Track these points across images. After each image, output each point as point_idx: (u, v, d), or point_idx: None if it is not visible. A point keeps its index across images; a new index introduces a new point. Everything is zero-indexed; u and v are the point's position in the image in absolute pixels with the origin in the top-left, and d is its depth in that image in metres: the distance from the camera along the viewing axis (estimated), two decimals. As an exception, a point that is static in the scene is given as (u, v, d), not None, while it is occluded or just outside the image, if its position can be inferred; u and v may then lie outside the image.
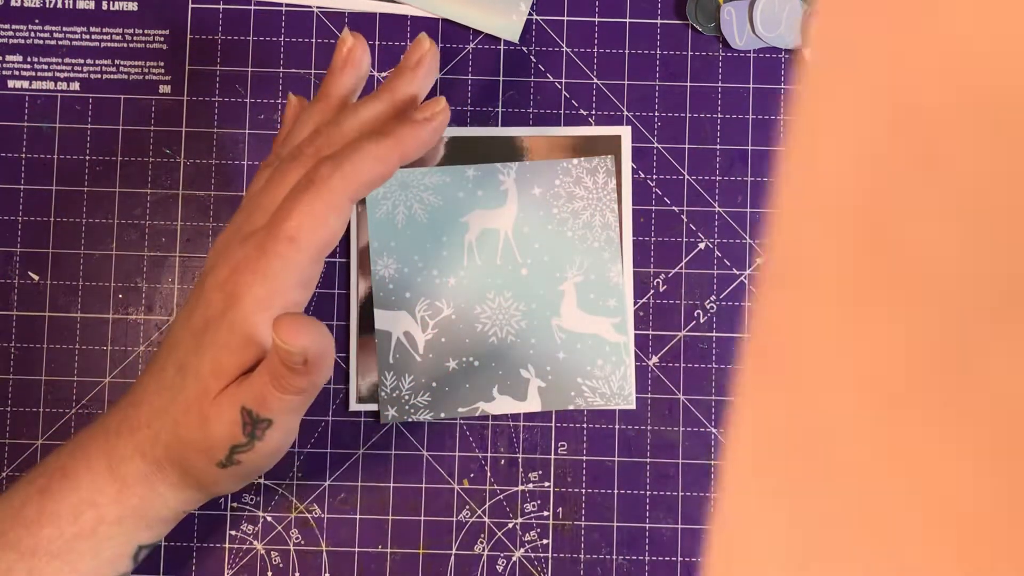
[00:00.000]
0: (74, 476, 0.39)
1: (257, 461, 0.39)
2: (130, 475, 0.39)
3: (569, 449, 0.49)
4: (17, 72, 0.50)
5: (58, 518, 0.38)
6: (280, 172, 0.40)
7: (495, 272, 0.49)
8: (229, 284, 0.38)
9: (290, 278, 0.37)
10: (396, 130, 0.39)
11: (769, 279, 0.13)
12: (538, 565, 0.48)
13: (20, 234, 0.49)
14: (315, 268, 0.38)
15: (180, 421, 0.38)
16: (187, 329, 0.39)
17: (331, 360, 0.37)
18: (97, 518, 0.38)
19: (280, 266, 0.37)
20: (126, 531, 0.39)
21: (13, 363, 0.49)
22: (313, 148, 0.40)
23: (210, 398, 0.37)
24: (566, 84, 0.50)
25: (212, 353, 0.38)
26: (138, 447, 0.39)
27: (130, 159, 0.50)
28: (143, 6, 0.50)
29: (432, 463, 0.49)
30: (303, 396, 0.37)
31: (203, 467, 0.38)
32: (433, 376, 0.49)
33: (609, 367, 0.49)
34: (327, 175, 0.37)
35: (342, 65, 0.43)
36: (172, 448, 0.38)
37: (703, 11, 0.50)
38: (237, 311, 0.37)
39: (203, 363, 0.38)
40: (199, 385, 0.38)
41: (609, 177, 0.50)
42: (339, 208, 0.38)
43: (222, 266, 0.38)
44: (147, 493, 0.39)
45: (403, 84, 0.42)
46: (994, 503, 0.10)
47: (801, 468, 0.12)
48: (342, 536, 0.48)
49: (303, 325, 0.35)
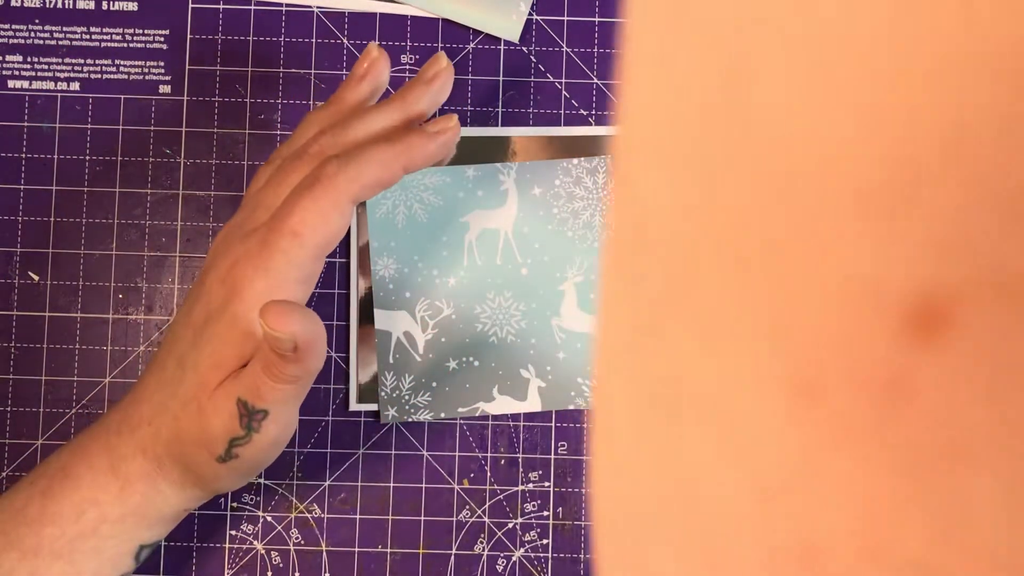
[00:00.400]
0: (76, 476, 0.39)
1: (256, 455, 0.39)
2: (132, 473, 0.39)
3: (569, 449, 0.49)
4: (17, 72, 0.50)
5: (60, 517, 0.38)
6: (283, 171, 0.40)
7: (495, 272, 0.49)
8: (230, 278, 0.38)
9: (291, 273, 0.37)
10: (406, 138, 0.39)
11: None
12: (538, 565, 0.49)
13: (20, 234, 0.49)
14: (316, 266, 0.38)
15: (179, 416, 0.38)
16: (187, 325, 0.39)
17: (323, 346, 0.37)
18: (99, 517, 0.38)
19: (282, 261, 0.37)
20: (128, 530, 0.39)
21: (13, 363, 0.49)
22: (317, 148, 0.40)
23: (208, 391, 0.37)
24: (566, 84, 0.50)
25: (212, 346, 0.38)
26: (139, 445, 0.39)
27: (130, 159, 0.50)
28: (143, 6, 0.50)
29: (432, 463, 0.49)
30: (297, 384, 0.37)
31: (203, 462, 0.39)
32: (433, 376, 0.49)
33: (609, 367, 0.49)
34: (333, 173, 0.38)
35: (363, 74, 0.43)
36: (172, 444, 0.38)
37: (703, 11, 0.50)
38: (238, 304, 0.37)
39: (202, 357, 0.38)
40: (198, 378, 0.38)
41: (609, 177, 0.50)
42: (343, 207, 0.38)
43: (223, 261, 0.38)
44: (149, 491, 0.39)
45: (415, 96, 0.42)
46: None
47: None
48: (342, 536, 0.48)
49: (290, 311, 0.35)
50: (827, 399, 0.10)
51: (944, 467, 0.09)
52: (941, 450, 0.09)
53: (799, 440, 0.10)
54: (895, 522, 0.10)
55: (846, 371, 0.10)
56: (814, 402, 0.10)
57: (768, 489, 0.11)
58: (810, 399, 0.10)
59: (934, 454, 0.09)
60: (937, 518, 0.09)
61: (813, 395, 0.10)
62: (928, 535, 0.09)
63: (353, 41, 0.50)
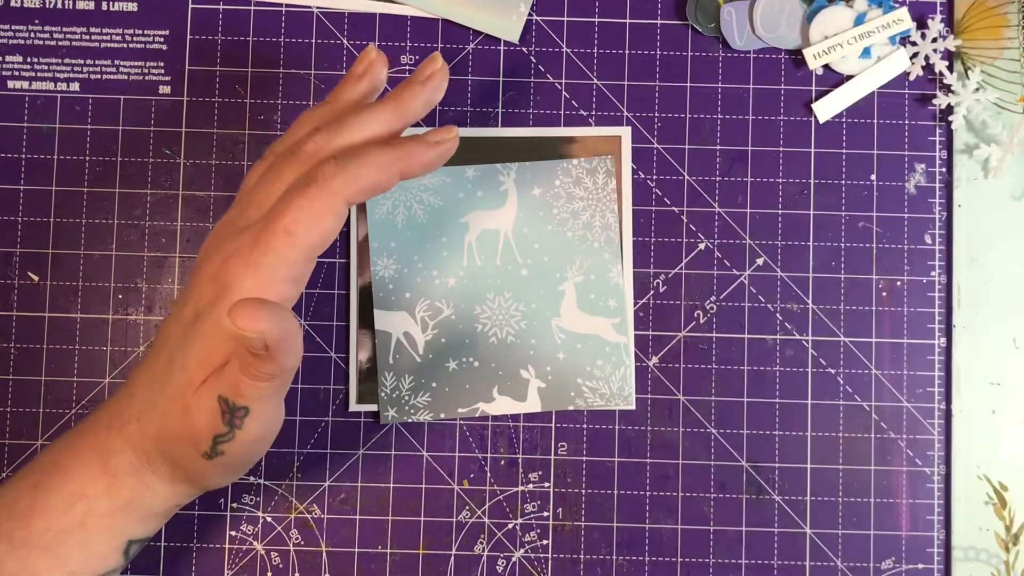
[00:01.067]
0: (66, 470, 0.39)
1: (242, 452, 0.39)
2: (121, 468, 0.39)
3: (569, 449, 0.49)
4: (17, 72, 0.50)
5: (49, 510, 0.38)
6: (276, 169, 0.40)
7: (495, 272, 0.49)
8: (220, 275, 0.38)
9: (281, 272, 0.37)
10: (405, 145, 0.39)
11: None
12: (538, 565, 0.49)
13: (20, 234, 0.49)
14: (307, 266, 0.38)
15: (166, 412, 0.38)
16: (178, 322, 0.39)
17: (297, 344, 0.37)
18: (87, 511, 0.38)
19: (273, 259, 0.37)
20: (116, 524, 0.39)
21: (13, 363, 0.49)
22: (313, 146, 0.40)
23: (194, 388, 0.37)
24: (566, 84, 0.50)
25: (199, 344, 0.38)
26: (128, 440, 0.39)
27: (130, 159, 0.50)
28: (143, 6, 0.50)
29: (432, 463, 0.49)
30: (274, 382, 0.37)
31: (190, 458, 0.39)
32: (433, 376, 0.49)
33: (609, 367, 0.49)
34: (330, 174, 0.37)
35: (360, 74, 0.43)
36: (160, 440, 0.38)
37: (703, 11, 0.50)
38: (227, 301, 0.37)
39: (190, 354, 0.38)
40: (185, 376, 0.38)
41: (609, 177, 0.50)
42: (337, 208, 0.38)
43: (214, 258, 0.38)
44: (138, 486, 0.39)
45: (410, 96, 0.42)
46: None
47: None
48: (342, 536, 0.48)
49: (256, 309, 0.35)
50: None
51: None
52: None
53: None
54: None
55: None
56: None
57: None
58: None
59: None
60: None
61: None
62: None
63: (353, 41, 0.50)
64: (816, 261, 0.50)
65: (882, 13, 0.50)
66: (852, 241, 0.50)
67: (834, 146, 0.50)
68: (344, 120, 0.40)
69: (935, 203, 0.50)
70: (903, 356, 0.49)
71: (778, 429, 0.49)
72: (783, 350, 0.49)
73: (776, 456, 0.49)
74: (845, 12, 0.50)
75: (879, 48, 0.50)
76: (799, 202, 0.50)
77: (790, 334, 0.49)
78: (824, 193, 0.50)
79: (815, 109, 0.50)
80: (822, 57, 0.50)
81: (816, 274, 0.49)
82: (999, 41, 0.50)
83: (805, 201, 0.50)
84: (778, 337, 0.49)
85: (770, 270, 0.50)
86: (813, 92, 0.50)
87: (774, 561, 0.48)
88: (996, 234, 0.50)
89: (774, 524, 0.49)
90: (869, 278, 0.50)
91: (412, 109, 0.41)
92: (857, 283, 0.50)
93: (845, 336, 0.49)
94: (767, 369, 0.49)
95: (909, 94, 0.50)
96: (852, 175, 0.50)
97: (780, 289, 0.49)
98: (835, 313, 0.49)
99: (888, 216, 0.50)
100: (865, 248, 0.50)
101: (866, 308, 0.49)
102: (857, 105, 0.50)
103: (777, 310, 0.49)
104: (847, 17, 0.50)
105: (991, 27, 0.51)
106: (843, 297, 0.49)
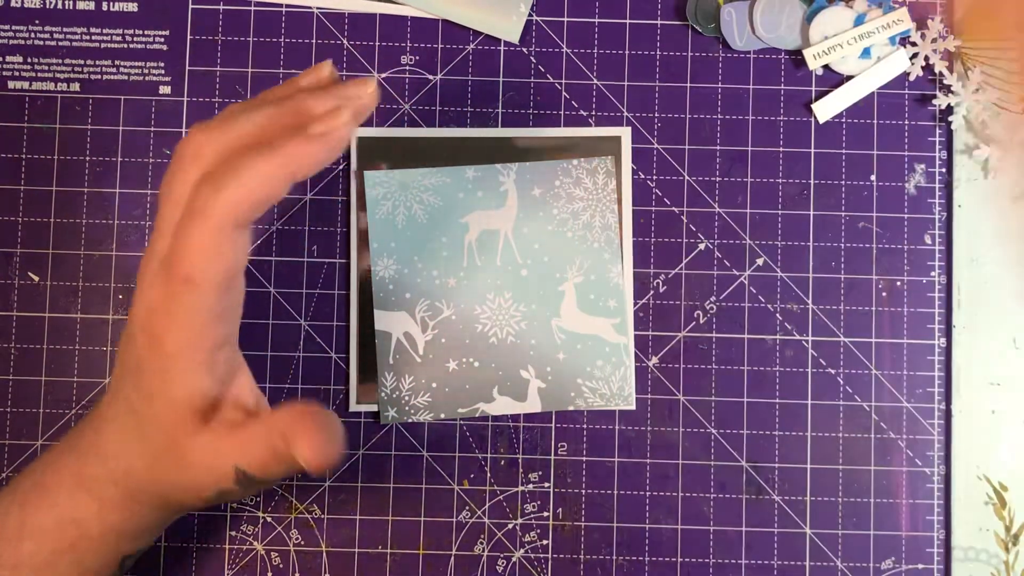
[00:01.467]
0: (55, 491, 0.38)
1: (248, 495, 0.38)
2: (106, 499, 0.38)
3: (569, 450, 0.49)
4: (17, 73, 0.50)
5: (39, 533, 0.37)
6: (168, 183, 0.36)
7: (495, 273, 0.49)
8: (148, 326, 0.35)
9: (199, 318, 0.34)
10: (285, 146, 0.33)
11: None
12: (538, 566, 0.49)
13: (20, 234, 0.49)
14: (227, 298, 0.35)
15: (156, 463, 0.37)
16: (124, 363, 0.37)
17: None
18: (79, 534, 0.38)
19: (187, 310, 0.34)
20: (108, 544, 0.39)
21: (13, 363, 0.49)
22: (192, 149, 0.35)
23: (187, 436, 0.36)
24: (566, 85, 0.50)
25: (161, 404, 0.36)
26: (111, 476, 0.38)
27: (130, 159, 0.50)
28: (143, 6, 0.50)
29: (432, 464, 0.49)
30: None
31: (189, 498, 0.38)
32: (433, 377, 0.49)
33: (609, 368, 0.49)
34: (206, 203, 0.33)
35: (305, 75, 0.38)
36: (151, 484, 0.37)
37: (703, 12, 0.50)
38: (163, 357, 0.35)
39: (158, 412, 0.36)
40: (163, 436, 0.36)
41: (609, 178, 0.50)
42: (229, 236, 0.33)
43: (140, 302, 0.36)
44: (127, 513, 0.38)
45: (302, 155, 0.35)
46: None
47: None
48: (342, 536, 0.48)
49: (326, 445, 0.33)
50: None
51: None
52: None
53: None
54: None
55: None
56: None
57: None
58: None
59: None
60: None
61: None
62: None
63: (353, 42, 0.50)
64: (816, 261, 0.50)
65: (882, 13, 0.50)
66: (852, 241, 0.50)
67: (834, 146, 0.50)
68: (226, 172, 0.34)
69: (935, 203, 0.50)
70: (903, 356, 0.49)
71: (778, 429, 0.49)
72: (783, 350, 0.49)
73: (776, 456, 0.49)
74: (845, 12, 0.50)
75: (879, 48, 0.50)
76: (799, 202, 0.50)
77: (790, 334, 0.49)
78: (824, 193, 0.50)
79: (815, 109, 0.50)
80: (822, 57, 0.50)
81: (816, 274, 0.50)
82: (999, 41, 0.50)
83: (805, 201, 0.50)
84: (778, 337, 0.49)
85: (770, 270, 0.50)
86: (813, 92, 0.50)
87: (774, 561, 0.48)
88: (996, 234, 0.50)
89: (774, 524, 0.49)
90: (869, 278, 0.50)
91: (302, 173, 0.34)
92: (857, 283, 0.50)
93: (845, 336, 0.49)
94: (767, 369, 0.49)
95: (909, 94, 0.50)
96: (852, 175, 0.50)
97: (780, 289, 0.49)
98: (835, 313, 0.49)
99: (888, 216, 0.50)
100: (865, 248, 0.50)
101: (866, 308, 0.49)
102: (857, 105, 0.50)
103: (777, 310, 0.49)
104: (847, 17, 0.50)
105: (991, 27, 0.51)
106: (843, 297, 0.49)
